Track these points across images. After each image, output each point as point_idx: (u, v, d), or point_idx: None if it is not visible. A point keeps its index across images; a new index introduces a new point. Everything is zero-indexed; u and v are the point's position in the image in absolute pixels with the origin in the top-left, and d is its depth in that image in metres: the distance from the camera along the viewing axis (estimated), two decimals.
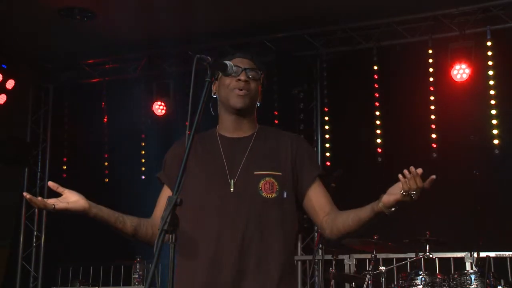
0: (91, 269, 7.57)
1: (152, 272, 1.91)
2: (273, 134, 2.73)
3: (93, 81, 8.16)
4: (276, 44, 7.32)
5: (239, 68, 2.61)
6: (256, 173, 2.56)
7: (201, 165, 2.60)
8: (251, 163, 2.58)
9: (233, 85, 2.60)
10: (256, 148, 2.63)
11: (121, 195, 7.34)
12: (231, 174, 2.56)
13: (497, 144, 6.37)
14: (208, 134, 2.72)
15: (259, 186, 2.54)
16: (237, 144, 2.64)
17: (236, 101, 2.60)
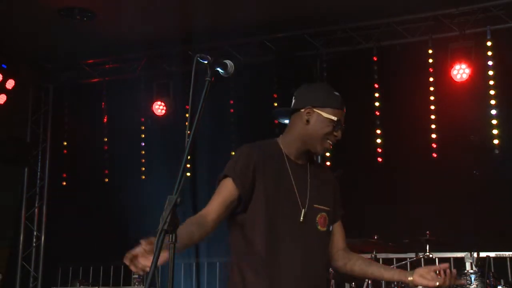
0: (91, 269, 7.57)
1: (152, 272, 1.90)
2: (320, 169, 2.90)
3: (93, 81, 8.16)
4: (276, 44, 7.32)
5: (340, 125, 2.74)
6: (315, 206, 2.72)
7: (273, 186, 2.67)
8: (313, 195, 2.72)
9: (329, 136, 2.73)
10: (314, 180, 2.77)
11: (121, 195, 7.36)
12: (302, 203, 2.69)
13: (497, 144, 6.37)
14: (272, 149, 2.80)
15: (316, 219, 2.72)
16: (302, 171, 2.77)
17: (322, 149, 2.75)
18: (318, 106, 2.76)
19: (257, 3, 6.60)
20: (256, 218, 2.61)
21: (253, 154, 2.74)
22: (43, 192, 8.28)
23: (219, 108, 7.09)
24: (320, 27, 7.18)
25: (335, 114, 2.74)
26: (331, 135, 2.72)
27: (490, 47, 6.53)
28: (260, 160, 2.70)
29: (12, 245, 7.99)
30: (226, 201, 2.64)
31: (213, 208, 2.62)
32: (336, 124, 2.72)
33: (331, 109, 2.75)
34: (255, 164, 2.69)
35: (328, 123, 2.72)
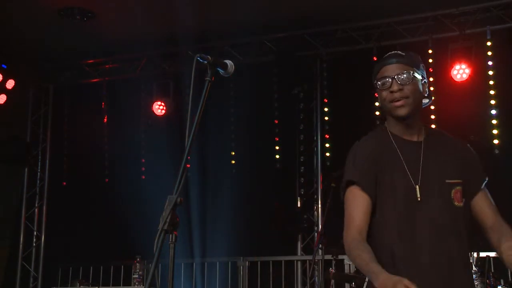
0: (91, 269, 7.57)
1: (152, 272, 1.90)
2: (443, 139, 2.74)
3: (93, 81, 8.16)
4: (276, 44, 7.32)
5: (387, 79, 2.59)
6: (447, 181, 2.55)
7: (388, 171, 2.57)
8: (430, 170, 2.56)
9: (388, 98, 2.59)
10: (430, 154, 2.61)
11: (121, 195, 7.36)
12: (414, 180, 2.54)
13: (497, 144, 6.37)
14: (380, 135, 2.69)
15: (451, 195, 2.54)
16: (411, 148, 2.62)
17: (397, 112, 2.60)
18: (374, 77, 2.69)
19: (257, 3, 6.60)
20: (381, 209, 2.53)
21: (367, 150, 2.65)
22: (43, 192, 8.28)
23: (219, 108, 7.09)
24: (320, 27, 7.18)
25: (378, 76, 2.64)
26: (389, 96, 2.59)
27: (490, 47, 6.53)
28: (376, 153, 2.61)
29: (12, 245, 7.99)
30: (366, 212, 2.55)
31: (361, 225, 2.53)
32: (382, 83, 2.60)
33: (376, 76, 2.66)
34: (370, 161, 2.59)
35: (380, 90, 2.62)
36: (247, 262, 7.08)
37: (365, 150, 2.64)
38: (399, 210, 2.52)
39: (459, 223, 2.56)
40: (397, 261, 2.48)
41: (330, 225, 5.92)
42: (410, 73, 2.60)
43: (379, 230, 2.55)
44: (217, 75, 2.44)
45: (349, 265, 6.61)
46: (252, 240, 7.15)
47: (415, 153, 2.60)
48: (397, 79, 2.58)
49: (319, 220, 7.03)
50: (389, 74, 2.60)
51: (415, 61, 2.68)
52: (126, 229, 6.94)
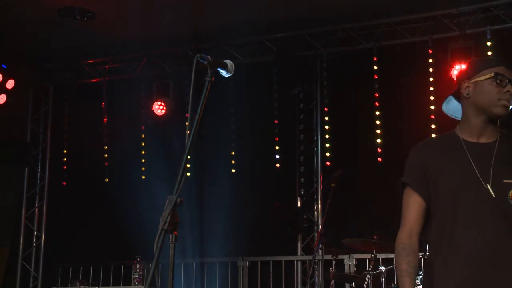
0: (91, 269, 7.57)
1: (152, 272, 1.90)
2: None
3: (93, 81, 8.16)
4: (276, 44, 7.32)
5: (506, 79, 2.61)
6: (505, 181, 2.56)
7: (450, 171, 2.61)
8: (500, 170, 2.58)
9: (500, 95, 2.61)
10: (502, 155, 2.63)
11: (121, 195, 7.36)
12: (484, 180, 2.56)
13: None
14: (448, 138, 2.74)
15: (509, 195, 2.54)
16: (485, 149, 2.64)
17: (501, 110, 2.63)
18: (472, 75, 2.68)
19: (257, 3, 6.60)
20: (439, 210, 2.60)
21: (421, 153, 2.74)
22: (43, 192, 8.28)
23: (219, 108, 7.09)
24: (320, 27, 7.18)
25: (494, 70, 2.63)
26: (501, 93, 2.61)
27: (490, 47, 6.53)
28: (432, 155, 2.68)
29: (12, 245, 7.99)
30: (420, 212, 2.67)
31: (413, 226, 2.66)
32: (499, 79, 2.60)
33: (486, 69, 2.65)
34: (426, 163, 2.68)
35: (490, 83, 2.62)
36: (247, 262, 7.08)
37: (418, 158, 2.75)
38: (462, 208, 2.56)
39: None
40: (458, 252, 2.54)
41: (330, 225, 5.93)
42: None
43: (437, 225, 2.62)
44: (217, 75, 2.44)
45: (349, 265, 6.62)
46: (252, 240, 7.15)
47: (486, 152, 2.64)
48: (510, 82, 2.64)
49: (319, 220, 7.03)
50: (508, 76, 2.63)
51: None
52: (126, 229, 6.94)
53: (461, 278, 2.51)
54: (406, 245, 2.64)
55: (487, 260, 2.50)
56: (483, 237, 2.51)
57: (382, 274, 5.41)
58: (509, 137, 2.73)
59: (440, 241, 2.60)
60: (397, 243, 2.67)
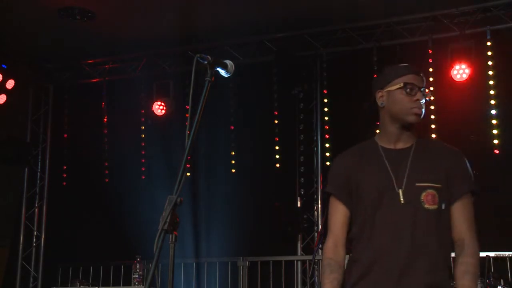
0: (91, 269, 7.57)
1: (152, 272, 1.90)
2: (432, 146, 2.83)
3: (93, 81, 8.16)
4: (276, 44, 7.32)
5: (416, 87, 2.72)
6: (418, 185, 2.63)
7: (369, 178, 2.70)
8: (414, 174, 2.65)
9: (411, 104, 2.71)
10: (417, 159, 2.70)
11: (121, 195, 7.36)
12: (398, 185, 2.64)
13: (497, 144, 6.37)
14: (368, 146, 2.85)
15: (421, 197, 2.61)
16: (400, 155, 2.72)
17: (413, 118, 2.72)
18: (384, 84, 2.77)
19: (257, 3, 6.60)
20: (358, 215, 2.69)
21: (343, 162, 2.83)
22: (43, 192, 8.28)
23: (219, 108, 7.09)
24: (320, 27, 7.18)
25: (403, 80, 2.72)
26: (412, 102, 2.71)
27: (490, 47, 6.53)
28: (353, 164, 2.77)
29: (12, 245, 7.99)
30: (344, 221, 2.76)
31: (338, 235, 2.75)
32: (409, 88, 2.71)
33: (396, 79, 2.74)
34: (348, 172, 2.76)
35: (400, 92, 2.72)
36: (247, 262, 7.08)
37: (341, 166, 2.83)
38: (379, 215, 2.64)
39: (430, 224, 2.61)
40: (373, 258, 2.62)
41: None
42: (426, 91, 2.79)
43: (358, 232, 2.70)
44: (217, 75, 2.44)
45: None
46: (252, 240, 7.15)
47: (403, 157, 2.71)
48: (423, 92, 2.76)
49: (319, 220, 7.03)
50: (417, 84, 2.75)
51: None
52: (126, 229, 6.94)
53: (374, 284, 2.59)
54: (331, 260, 2.71)
55: (399, 266, 2.55)
56: (395, 243, 2.58)
57: None
58: (424, 142, 2.81)
59: (360, 247, 2.67)
60: (323, 256, 2.76)
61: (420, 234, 2.58)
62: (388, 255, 2.58)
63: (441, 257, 2.61)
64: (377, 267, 2.60)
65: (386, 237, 2.60)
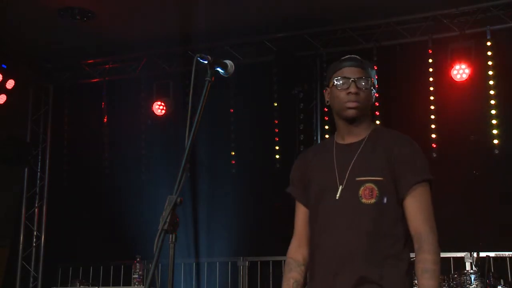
0: (91, 269, 7.57)
1: (152, 272, 1.90)
2: (383, 136, 2.72)
3: (93, 81, 8.16)
4: (276, 44, 7.32)
5: (348, 80, 2.63)
6: (357, 179, 2.57)
7: (316, 174, 2.70)
8: (356, 169, 2.59)
9: (343, 98, 2.64)
10: (365, 153, 2.63)
11: (121, 195, 7.36)
12: (340, 181, 2.60)
13: (497, 144, 6.37)
14: (326, 143, 2.84)
15: (359, 192, 2.54)
16: (348, 150, 2.67)
17: (350, 112, 2.65)
18: (327, 83, 2.77)
19: (257, 3, 6.60)
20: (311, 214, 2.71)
21: (299, 161, 2.84)
22: (43, 192, 8.28)
23: (219, 108, 7.09)
24: (320, 27, 7.18)
25: (336, 75, 2.68)
26: (346, 96, 2.65)
27: (490, 47, 6.53)
28: (308, 162, 2.77)
29: (12, 245, 7.99)
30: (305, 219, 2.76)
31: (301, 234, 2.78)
32: (341, 83, 2.65)
33: (333, 75, 2.71)
34: (302, 170, 2.77)
35: (336, 89, 2.68)
36: (247, 262, 7.07)
37: (297, 167, 2.83)
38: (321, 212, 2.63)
39: (370, 219, 2.51)
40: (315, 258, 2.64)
41: None
42: (369, 81, 2.68)
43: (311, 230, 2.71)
44: (217, 75, 2.44)
45: None
46: (252, 240, 7.15)
47: (350, 152, 2.65)
48: (357, 83, 2.64)
49: None
50: (350, 76, 2.65)
51: (372, 70, 2.75)
52: (126, 229, 6.94)
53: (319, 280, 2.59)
54: (290, 260, 2.76)
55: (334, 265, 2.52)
56: (334, 239, 2.54)
57: None
58: (377, 133, 2.70)
59: (311, 245, 2.68)
60: (287, 256, 2.80)
61: (355, 231, 2.51)
62: (324, 254, 2.56)
63: (381, 254, 2.49)
64: (318, 267, 2.60)
65: (323, 236, 2.58)
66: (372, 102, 2.75)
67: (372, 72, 2.76)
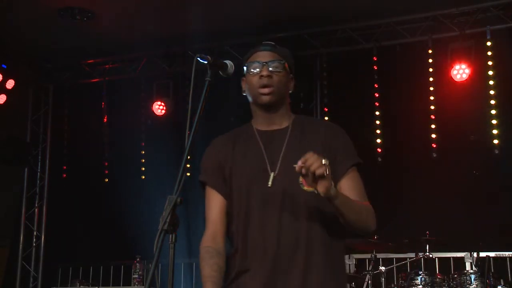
0: (91, 269, 7.57)
1: (152, 272, 1.90)
2: (309, 124, 2.65)
3: (93, 81, 8.16)
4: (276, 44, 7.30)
5: (260, 64, 2.55)
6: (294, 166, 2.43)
7: (241, 162, 2.56)
8: (290, 156, 2.47)
9: (256, 83, 2.54)
10: (295, 140, 2.55)
11: (121, 195, 7.36)
12: (272, 168, 2.50)
13: (497, 144, 6.37)
14: (244, 130, 2.67)
15: (299, 179, 2.45)
16: (275, 136, 2.57)
17: (264, 99, 2.54)
18: (244, 72, 2.62)
19: (256, 3, 6.60)
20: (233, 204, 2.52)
21: (216, 148, 2.67)
22: (43, 192, 8.28)
23: (219, 108, 7.08)
24: (320, 27, 7.18)
25: (249, 61, 2.57)
26: (258, 82, 2.53)
27: (490, 47, 6.53)
28: (226, 149, 2.61)
29: (12, 245, 7.99)
30: (222, 211, 2.58)
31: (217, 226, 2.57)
32: (253, 68, 2.54)
33: (246, 63, 2.60)
34: (221, 158, 2.60)
35: (249, 75, 2.56)
36: None
37: (213, 153, 2.66)
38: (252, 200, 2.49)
39: (310, 206, 2.46)
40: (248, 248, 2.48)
41: None
42: (282, 63, 2.56)
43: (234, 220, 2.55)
44: (217, 75, 2.44)
45: (349, 265, 6.62)
46: None
47: (278, 139, 2.56)
48: (269, 66, 2.54)
49: None
50: (261, 60, 2.55)
51: (288, 55, 2.64)
52: (126, 229, 6.94)
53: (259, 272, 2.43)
54: (210, 248, 2.52)
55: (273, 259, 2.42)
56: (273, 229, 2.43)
57: (382, 274, 5.42)
58: (301, 121, 2.64)
59: (238, 237, 2.52)
60: (200, 246, 2.54)
61: (297, 218, 2.44)
62: (263, 244, 2.44)
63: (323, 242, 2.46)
64: (253, 259, 2.45)
65: (257, 225, 2.45)
66: (289, 88, 2.63)
67: (289, 58, 2.62)
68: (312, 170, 2.20)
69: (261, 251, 2.44)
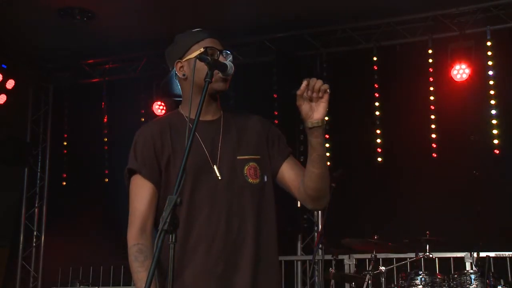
0: (91, 269, 7.57)
1: (152, 272, 1.90)
2: (239, 115, 2.64)
3: (93, 81, 8.16)
4: (276, 44, 7.32)
5: (217, 50, 2.50)
6: (239, 158, 2.46)
7: (180, 153, 2.41)
8: (231, 147, 2.47)
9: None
10: (229, 131, 2.52)
11: (121, 195, 7.33)
12: (212, 160, 2.44)
13: (497, 144, 6.37)
14: (175, 117, 2.56)
15: (244, 171, 2.45)
16: (210, 127, 2.51)
17: (221, 85, 2.52)
18: (182, 54, 2.53)
19: (257, 3, 6.60)
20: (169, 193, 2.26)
21: (150, 135, 2.54)
22: (43, 192, 8.28)
23: None
24: (320, 27, 7.18)
25: (202, 45, 2.48)
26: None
27: (490, 47, 6.53)
28: (160, 138, 2.49)
29: (12, 245, 7.99)
30: (153, 202, 2.44)
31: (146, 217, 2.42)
32: (210, 54, 2.44)
33: (194, 45, 2.50)
34: (157, 147, 2.48)
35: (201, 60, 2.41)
36: None
37: (145, 139, 2.55)
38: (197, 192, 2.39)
39: (255, 199, 2.46)
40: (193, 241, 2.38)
41: (330, 225, 5.93)
42: (230, 55, 2.58)
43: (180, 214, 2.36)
44: None
45: (349, 265, 6.62)
46: None
47: (213, 130, 2.51)
48: (224, 55, 2.54)
49: (319, 220, 7.02)
50: (218, 47, 2.51)
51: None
52: (126, 229, 6.93)
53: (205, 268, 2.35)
54: (142, 246, 2.36)
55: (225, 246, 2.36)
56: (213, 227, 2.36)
57: (382, 274, 5.41)
58: (230, 113, 2.62)
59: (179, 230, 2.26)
60: (130, 244, 2.37)
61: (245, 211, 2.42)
62: (208, 240, 2.36)
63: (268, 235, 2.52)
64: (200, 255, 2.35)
65: (205, 220, 2.36)
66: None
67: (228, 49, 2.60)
68: (318, 86, 2.51)
69: (208, 244, 2.36)
